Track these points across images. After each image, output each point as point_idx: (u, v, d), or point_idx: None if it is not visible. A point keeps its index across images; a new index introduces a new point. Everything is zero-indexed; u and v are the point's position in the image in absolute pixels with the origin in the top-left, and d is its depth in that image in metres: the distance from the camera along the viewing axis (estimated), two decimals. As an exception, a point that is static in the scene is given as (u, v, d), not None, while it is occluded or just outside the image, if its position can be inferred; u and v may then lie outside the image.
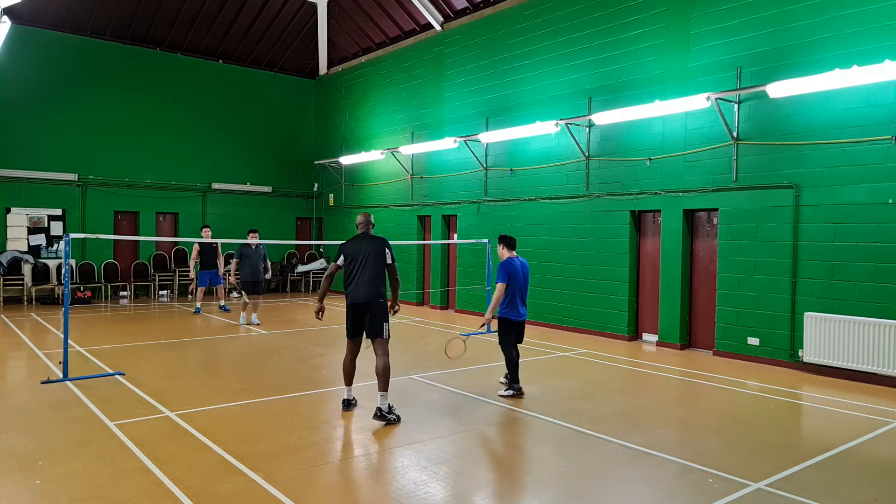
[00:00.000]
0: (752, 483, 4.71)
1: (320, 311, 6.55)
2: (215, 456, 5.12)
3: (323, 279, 6.49)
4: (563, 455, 5.39)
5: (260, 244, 12.35)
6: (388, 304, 6.34)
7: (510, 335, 7.27)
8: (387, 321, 6.23)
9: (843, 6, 8.40)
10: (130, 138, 16.91)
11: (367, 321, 6.20)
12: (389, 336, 6.25)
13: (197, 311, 13.82)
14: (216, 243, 13.60)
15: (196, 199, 18.08)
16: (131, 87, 16.96)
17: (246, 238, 12.47)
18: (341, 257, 6.34)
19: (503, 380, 7.41)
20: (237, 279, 12.42)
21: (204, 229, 14.13)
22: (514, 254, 7.45)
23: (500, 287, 7.18)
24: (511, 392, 7.13)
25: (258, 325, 12.16)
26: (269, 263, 12.76)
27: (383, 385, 6.07)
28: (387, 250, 6.27)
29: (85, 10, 15.89)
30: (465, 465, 5.09)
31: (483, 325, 7.51)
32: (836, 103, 8.45)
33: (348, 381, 6.54)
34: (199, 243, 13.70)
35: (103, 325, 12.33)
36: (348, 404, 6.55)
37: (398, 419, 6.10)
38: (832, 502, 4.43)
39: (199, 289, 14.09)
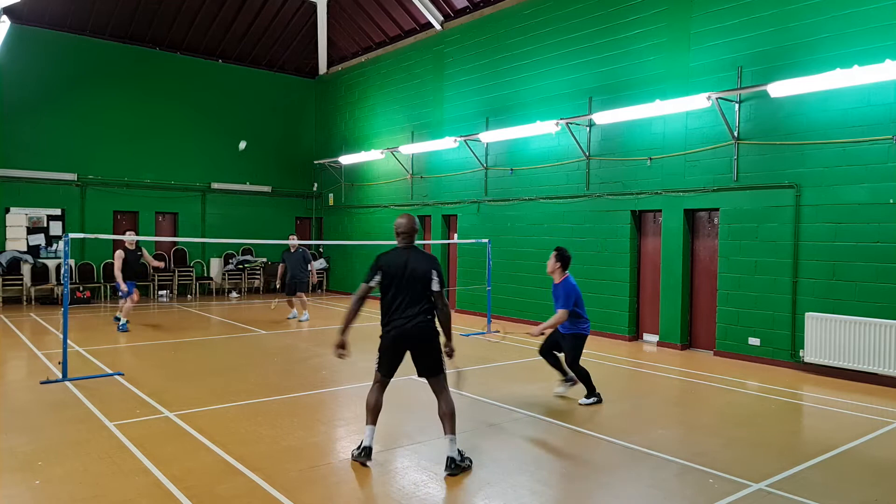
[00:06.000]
0: (753, 483, 4.70)
1: (342, 347, 5.08)
2: (215, 456, 5.11)
3: (351, 303, 5.07)
4: (564, 455, 5.39)
5: (299, 246, 12.94)
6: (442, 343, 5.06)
7: (581, 350, 7.07)
8: (439, 352, 4.98)
9: (844, 6, 8.39)
10: (130, 138, 16.90)
11: (416, 358, 5.00)
12: (446, 371, 5.03)
13: (123, 328, 11.30)
14: (141, 251, 11.72)
15: (196, 199, 18.07)
16: (131, 86, 16.96)
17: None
18: (378, 274, 5.02)
19: (559, 390, 7.26)
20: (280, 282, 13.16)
21: (128, 233, 12.00)
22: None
23: (564, 314, 6.81)
24: (594, 399, 6.94)
25: (302, 321, 12.86)
26: (312, 263, 13.26)
27: (451, 427, 4.88)
28: (434, 275, 4.93)
29: (85, 9, 15.88)
30: (466, 466, 5.07)
31: (536, 335, 6.89)
32: (836, 103, 8.45)
33: (371, 418, 5.10)
34: (125, 250, 11.31)
35: (103, 325, 12.32)
36: (367, 453, 5.00)
37: (471, 463, 4.98)
38: (832, 502, 4.42)
39: (129, 299, 11.34)
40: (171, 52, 17.68)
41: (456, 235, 14.90)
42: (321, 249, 19.96)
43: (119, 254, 11.20)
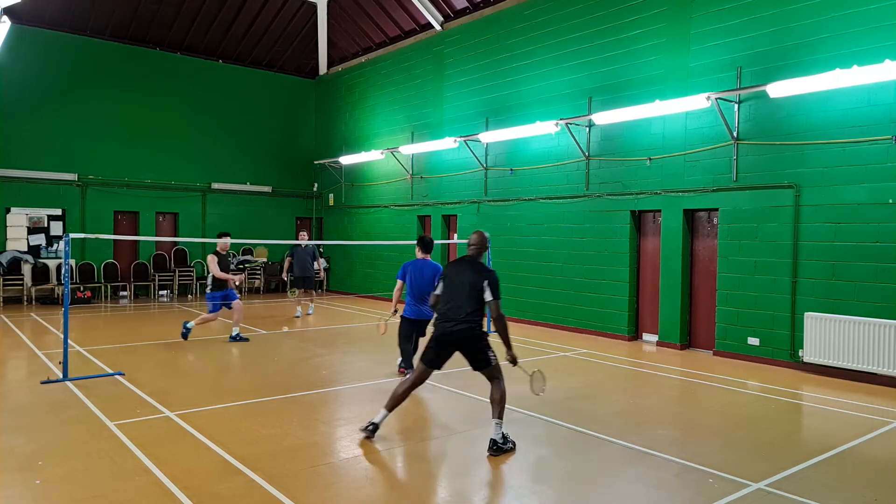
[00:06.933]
0: (753, 483, 4.71)
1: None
2: (215, 456, 5.12)
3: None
4: (564, 455, 5.39)
5: (309, 243, 13.20)
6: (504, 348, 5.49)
7: (403, 327, 7.85)
8: (490, 349, 5.48)
9: (844, 6, 8.40)
10: (130, 138, 16.90)
11: (467, 357, 5.52)
12: (497, 362, 5.49)
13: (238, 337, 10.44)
14: (232, 256, 11.00)
15: (196, 199, 18.07)
16: (131, 86, 16.96)
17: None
18: (440, 283, 5.64)
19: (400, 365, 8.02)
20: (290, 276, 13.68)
21: (222, 238, 10.65)
22: (428, 257, 7.91)
23: (397, 284, 7.93)
24: (400, 366, 7.98)
25: (309, 314, 13.59)
26: (319, 260, 13.70)
27: (498, 412, 5.32)
28: (487, 286, 5.37)
29: (84, 9, 15.89)
30: (465, 465, 5.08)
31: (392, 312, 8.12)
32: (836, 103, 8.45)
33: (390, 405, 5.58)
34: (218, 255, 10.44)
35: (103, 325, 12.33)
36: (373, 429, 5.57)
37: (514, 446, 5.38)
38: (832, 502, 4.42)
39: (212, 314, 10.35)
40: (171, 52, 17.68)
41: (456, 235, 14.91)
42: (321, 249, 19.95)
43: (212, 257, 10.34)
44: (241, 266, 18.12)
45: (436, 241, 15.09)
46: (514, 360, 5.39)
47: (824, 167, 8.58)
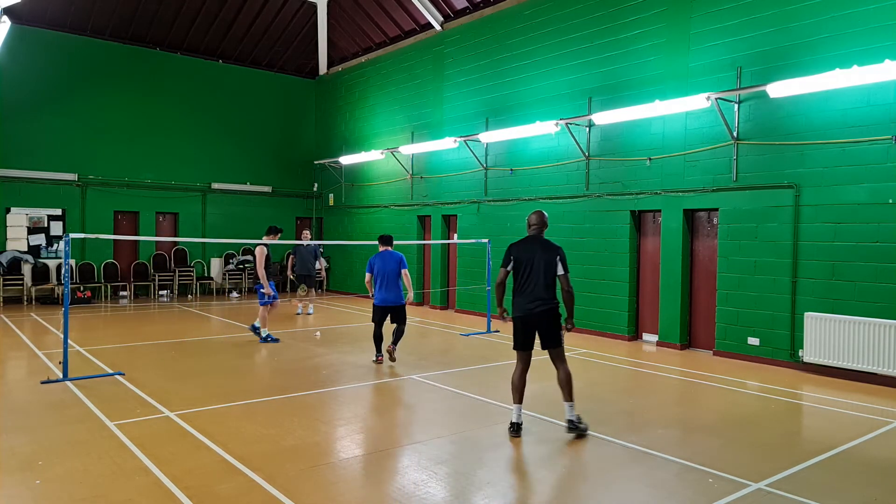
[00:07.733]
0: (752, 483, 4.71)
1: (504, 313, 6.04)
2: (215, 456, 5.12)
3: (495, 288, 6.01)
4: (564, 455, 5.39)
5: (311, 242, 13.41)
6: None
7: (375, 315, 8.75)
8: (562, 329, 5.84)
9: (843, 6, 8.40)
10: (130, 138, 16.91)
11: (541, 334, 5.81)
12: (564, 345, 5.87)
13: (269, 337, 10.36)
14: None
15: (196, 199, 18.07)
16: (131, 87, 16.97)
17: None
18: (511, 262, 5.87)
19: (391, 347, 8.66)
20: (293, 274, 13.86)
21: (272, 236, 10.48)
22: (389, 248, 8.87)
23: (367, 277, 8.83)
24: (373, 358, 8.89)
25: (309, 314, 13.75)
26: (321, 259, 14.19)
27: (569, 395, 5.75)
28: (559, 261, 5.78)
29: (85, 9, 15.89)
30: (465, 465, 5.08)
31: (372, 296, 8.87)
32: (836, 103, 8.45)
33: (517, 397, 5.83)
34: (268, 247, 10.27)
35: (103, 325, 12.33)
36: (516, 428, 5.74)
37: (587, 428, 5.76)
38: (832, 502, 4.42)
39: (271, 305, 10.34)
40: (171, 52, 17.69)
41: (456, 235, 14.91)
42: (321, 249, 19.94)
43: (261, 249, 10.01)
44: (241, 266, 18.18)
45: (436, 241, 15.27)
46: (572, 326, 5.84)
47: (824, 167, 8.58)
